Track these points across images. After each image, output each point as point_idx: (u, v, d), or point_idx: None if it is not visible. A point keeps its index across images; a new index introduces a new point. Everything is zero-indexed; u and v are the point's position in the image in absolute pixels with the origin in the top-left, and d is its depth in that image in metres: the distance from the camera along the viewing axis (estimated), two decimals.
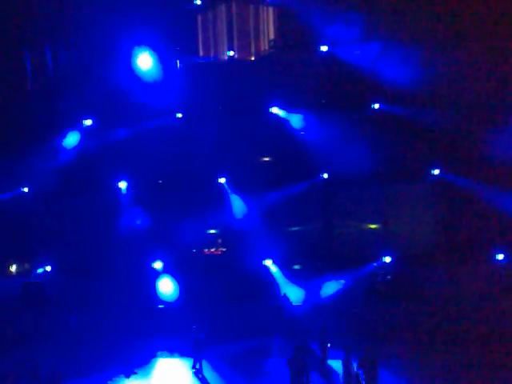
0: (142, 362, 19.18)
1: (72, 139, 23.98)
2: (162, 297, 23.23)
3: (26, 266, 25.03)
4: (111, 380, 17.62)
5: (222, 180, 24.39)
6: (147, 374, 18.46)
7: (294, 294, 22.83)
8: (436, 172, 24.16)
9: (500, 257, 22.85)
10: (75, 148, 24.05)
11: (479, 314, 21.54)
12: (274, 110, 24.39)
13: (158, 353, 20.24)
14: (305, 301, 22.60)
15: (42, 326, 21.24)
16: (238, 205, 24.24)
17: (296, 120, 24.49)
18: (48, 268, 23.84)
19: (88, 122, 23.96)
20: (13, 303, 22.45)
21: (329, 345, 17.58)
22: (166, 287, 23.35)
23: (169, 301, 23.11)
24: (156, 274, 23.42)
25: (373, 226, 25.12)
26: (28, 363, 15.63)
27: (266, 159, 25.43)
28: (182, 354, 19.76)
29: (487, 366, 17.64)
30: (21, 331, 20.19)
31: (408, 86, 23.37)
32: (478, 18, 22.91)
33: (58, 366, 15.08)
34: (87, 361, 18.75)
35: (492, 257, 22.87)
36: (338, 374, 16.16)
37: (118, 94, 23.48)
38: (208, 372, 18.05)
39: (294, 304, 22.38)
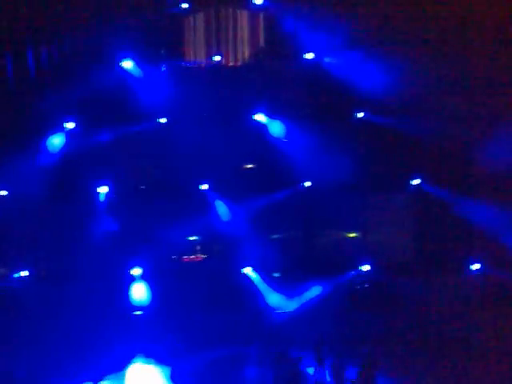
0: (116, 368, 19.14)
1: (53, 142, 23.68)
2: (135, 303, 23.12)
3: (2, 270, 24.65)
4: None
5: (205, 186, 24.35)
6: (120, 380, 18.39)
7: (274, 301, 22.96)
8: (416, 182, 24.42)
9: (476, 267, 23.24)
10: (55, 151, 23.72)
11: (455, 324, 22.00)
12: (258, 117, 24.39)
13: (134, 359, 20.12)
14: (284, 308, 22.73)
15: (17, 332, 20.98)
16: (219, 212, 24.19)
17: (279, 128, 24.54)
18: (25, 273, 23.52)
19: (70, 125, 23.64)
20: None
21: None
22: (139, 293, 23.25)
23: (142, 307, 23.00)
24: (134, 281, 23.28)
25: (352, 235, 25.31)
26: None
27: (249, 166, 25.38)
28: (157, 361, 19.72)
29: (461, 375, 18.00)
30: None
31: (391, 95, 23.60)
32: (463, 25, 23.17)
33: (33, 373, 14.81)
34: (60, 368, 18.60)
35: (469, 267, 23.28)
36: None
37: (101, 97, 23.23)
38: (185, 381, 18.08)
39: (273, 311, 22.51)
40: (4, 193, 23.49)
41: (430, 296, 22.88)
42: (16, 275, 23.34)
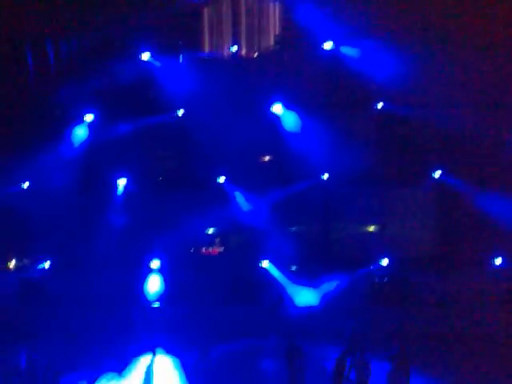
0: (135, 359, 19.35)
1: (73, 134, 23.97)
2: (152, 294, 23.32)
3: (26, 261, 25.10)
4: (105, 376, 17.79)
5: (222, 179, 24.35)
6: (140, 370, 18.59)
7: (292, 294, 22.92)
8: (437, 174, 24.05)
9: (498, 261, 22.84)
10: (75, 143, 24.03)
11: (476, 319, 21.65)
12: (276, 108, 24.26)
13: (151, 351, 20.29)
14: (303, 301, 22.67)
15: (40, 322, 21.36)
16: (237, 204, 24.22)
17: (296, 119, 24.37)
18: (47, 264, 23.90)
19: (89, 117, 23.86)
20: (11, 299, 22.55)
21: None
22: (157, 285, 23.42)
23: (159, 299, 23.18)
24: (152, 272, 23.48)
25: (371, 229, 25.07)
26: (25, 360, 15.74)
27: (267, 158, 25.33)
28: (172, 353, 19.93)
29: (479, 370, 17.74)
30: (19, 328, 20.16)
31: (410, 85, 23.24)
32: (483, 14, 22.68)
33: (54, 362, 15.04)
34: (82, 357, 18.89)
35: (490, 261, 22.87)
36: None
37: (120, 89, 23.43)
38: (204, 372, 18.14)
39: (291, 305, 22.48)
40: (26, 184, 23.93)
41: (450, 290, 22.52)
42: (39, 266, 23.76)
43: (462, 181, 23.60)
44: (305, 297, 22.83)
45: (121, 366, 18.28)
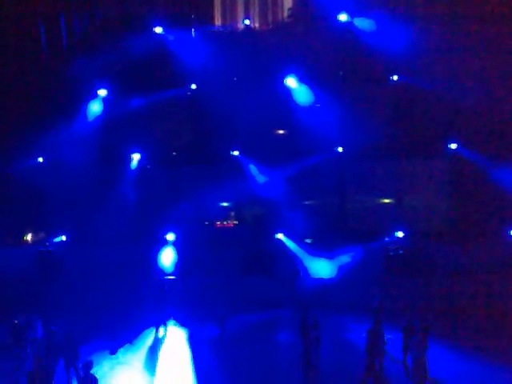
0: (147, 330, 19.59)
1: (88, 109, 24.02)
2: (167, 267, 23.49)
3: (42, 234, 25.36)
4: (121, 346, 18.08)
5: (236, 153, 24.32)
6: (156, 342, 18.80)
7: (307, 266, 22.96)
8: (453, 147, 23.82)
9: None
10: (91, 118, 24.08)
11: (490, 290, 21.54)
12: (290, 81, 24.08)
13: (165, 322, 20.51)
14: (319, 273, 22.71)
15: (57, 294, 21.63)
16: (251, 178, 24.20)
17: (310, 92, 24.20)
18: (63, 237, 24.14)
19: (103, 92, 23.87)
20: (28, 271, 22.85)
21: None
22: (172, 258, 23.62)
23: (174, 271, 23.37)
24: (167, 245, 23.65)
25: (387, 201, 24.98)
26: (41, 330, 15.95)
27: (281, 132, 25.23)
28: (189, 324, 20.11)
29: (494, 341, 17.69)
30: (36, 299, 20.43)
31: (427, 57, 22.97)
32: None
33: (72, 332, 15.19)
34: (98, 328, 19.17)
35: (506, 233, 22.70)
36: None
37: (133, 63, 23.34)
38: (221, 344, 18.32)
39: (306, 276, 22.53)
40: (41, 159, 24.11)
41: (466, 262, 22.42)
42: (56, 239, 24.02)
43: (477, 153, 23.35)
44: (320, 269, 22.86)
45: (134, 337, 18.57)
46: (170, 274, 22.92)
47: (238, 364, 16.57)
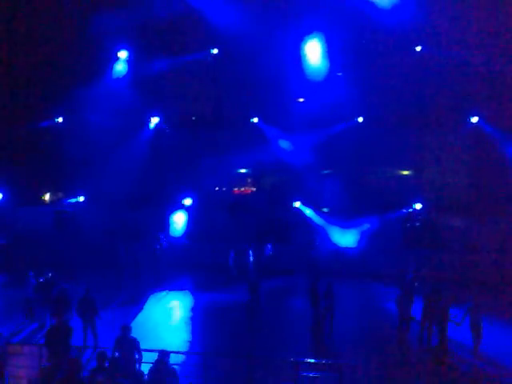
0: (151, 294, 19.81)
1: (109, 70, 23.80)
2: (179, 232, 23.54)
3: (60, 195, 25.47)
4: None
5: (256, 119, 24.11)
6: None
7: (325, 235, 22.96)
8: (474, 120, 23.50)
9: None
10: (112, 79, 23.87)
11: (504, 264, 21.40)
12: (311, 46, 23.54)
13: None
14: (336, 242, 22.73)
15: (73, 254, 21.82)
16: (270, 145, 24.02)
17: (332, 63, 23.79)
18: (81, 198, 24.20)
19: (123, 54, 23.60)
20: (46, 231, 23.01)
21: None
22: (184, 223, 23.60)
23: (186, 237, 23.43)
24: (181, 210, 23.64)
25: (406, 173, 24.80)
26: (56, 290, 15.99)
27: (301, 100, 24.91)
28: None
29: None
30: (54, 257, 20.59)
31: (452, 28, 22.43)
32: None
33: (90, 290, 15.24)
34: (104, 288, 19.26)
35: None
36: None
37: (154, 26, 23.00)
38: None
39: (322, 246, 22.54)
40: (60, 120, 24.04)
41: (482, 236, 22.32)
42: (73, 200, 24.11)
43: (498, 128, 23.00)
44: (337, 238, 22.86)
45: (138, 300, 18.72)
46: (183, 239, 23.08)
47: (250, 330, 16.31)
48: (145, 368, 11.27)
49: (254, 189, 25.45)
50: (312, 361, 12.86)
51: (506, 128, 22.76)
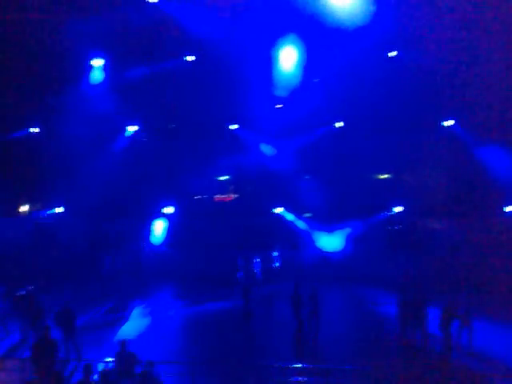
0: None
1: (84, 79, 23.54)
2: (160, 240, 23.37)
3: (38, 206, 25.07)
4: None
5: (235, 126, 24.09)
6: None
7: (307, 240, 23.00)
8: (450, 123, 23.79)
9: (509, 209, 22.83)
10: (88, 87, 23.62)
11: (485, 263, 21.64)
12: (286, 52, 23.58)
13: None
14: (317, 247, 22.78)
15: (50, 265, 21.50)
16: (251, 152, 24.02)
17: (308, 69, 23.88)
18: (60, 209, 23.89)
19: (99, 61, 23.35)
20: (25, 242, 22.64)
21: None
22: (159, 230, 23.47)
23: (166, 244, 23.26)
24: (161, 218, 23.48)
25: (386, 176, 25.00)
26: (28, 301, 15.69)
27: (280, 106, 24.95)
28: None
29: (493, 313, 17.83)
30: (31, 269, 20.27)
31: (429, 32, 22.72)
32: None
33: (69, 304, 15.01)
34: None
35: (501, 209, 22.87)
36: None
37: (129, 33, 22.79)
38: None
39: (305, 251, 22.60)
40: (36, 130, 23.70)
41: (463, 236, 22.59)
42: (51, 211, 23.77)
43: (474, 130, 23.34)
44: (322, 242, 22.92)
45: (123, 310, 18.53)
46: (163, 246, 22.93)
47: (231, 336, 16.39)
48: None
49: (236, 195, 25.39)
50: (299, 366, 12.85)
51: (479, 131, 23.14)
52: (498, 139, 22.67)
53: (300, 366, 12.92)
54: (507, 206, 22.90)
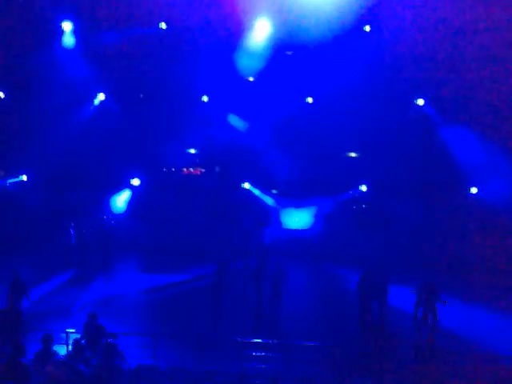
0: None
1: (53, 44, 22.77)
2: (124, 211, 23.14)
3: (1, 173, 24.53)
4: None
5: (205, 98, 23.80)
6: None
7: (273, 217, 23.07)
8: (420, 103, 23.90)
9: (474, 190, 23.25)
10: (57, 53, 22.88)
11: (453, 245, 22.04)
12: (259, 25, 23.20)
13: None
14: (283, 224, 22.87)
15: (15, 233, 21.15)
16: (219, 125, 23.80)
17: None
18: (24, 177, 23.40)
19: (67, 25, 22.63)
20: None
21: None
22: (122, 201, 23.28)
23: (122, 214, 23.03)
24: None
25: (352, 155, 25.11)
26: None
27: (251, 79, 24.68)
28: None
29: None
30: None
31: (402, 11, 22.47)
32: None
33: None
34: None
35: (466, 190, 23.26)
36: None
37: None
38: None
39: (271, 227, 22.66)
40: (1, 94, 23.03)
41: (426, 217, 22.93)
42: (14, 179, 23.28)
43: (442, 111, 23.48)
44: (289, 220, 23.01)
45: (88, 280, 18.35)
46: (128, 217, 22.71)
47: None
48: None
49: (204, 170, 25.22)
50: (259, 341, 12.99)
51: (448, 112, 23.28)
52: (466, 120, 22.92)
53: (260, 341, 13.01)
54: (473, 187, 23.26)
